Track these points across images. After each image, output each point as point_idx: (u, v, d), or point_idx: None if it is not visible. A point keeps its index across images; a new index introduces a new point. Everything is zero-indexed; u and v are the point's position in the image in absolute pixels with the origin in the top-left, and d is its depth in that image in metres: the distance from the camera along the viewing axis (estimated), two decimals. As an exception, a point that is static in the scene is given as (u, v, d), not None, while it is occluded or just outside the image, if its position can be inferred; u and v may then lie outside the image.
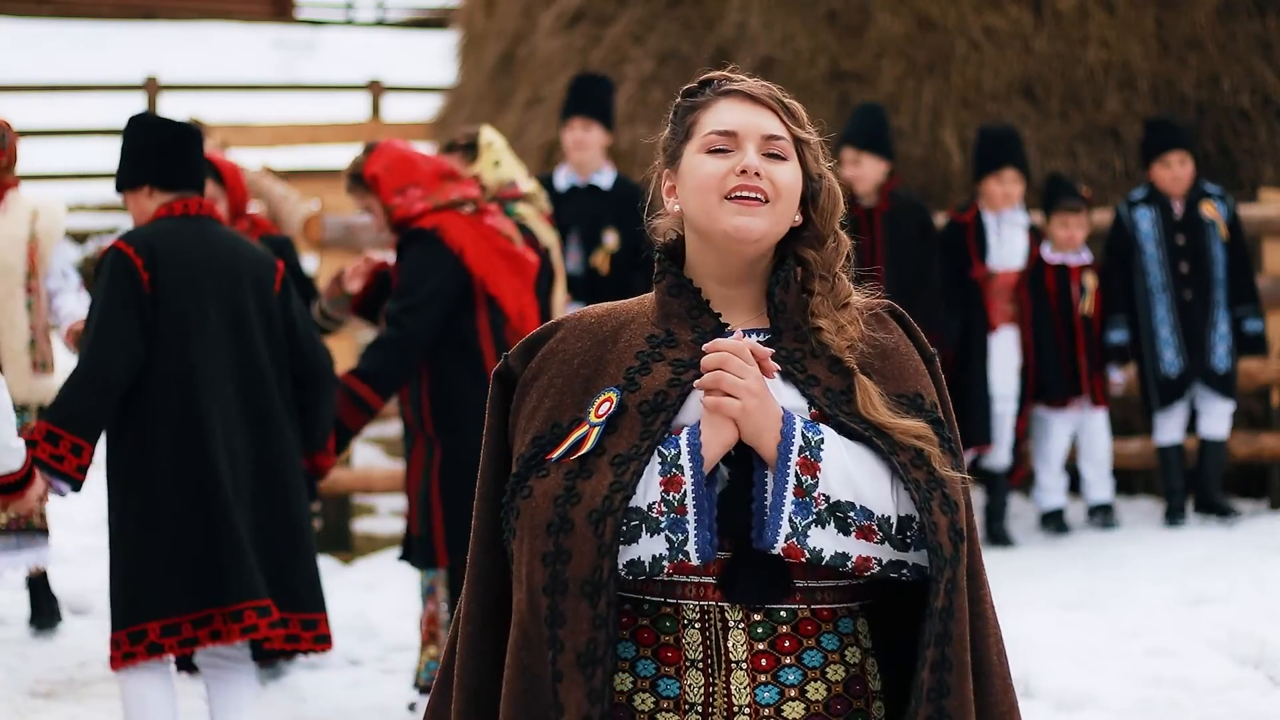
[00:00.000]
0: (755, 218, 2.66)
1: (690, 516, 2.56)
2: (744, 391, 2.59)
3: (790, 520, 2.56)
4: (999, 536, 8.93)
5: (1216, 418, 9.08)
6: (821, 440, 2.60)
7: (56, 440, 5.11)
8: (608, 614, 2.53)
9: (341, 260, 9.48)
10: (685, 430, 2.62)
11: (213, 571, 5.16)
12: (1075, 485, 9.45)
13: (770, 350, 2.65)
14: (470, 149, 6.54)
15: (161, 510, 5.18)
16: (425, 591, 6.15)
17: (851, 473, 2.59)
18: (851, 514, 2.58)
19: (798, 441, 2.59)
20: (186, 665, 5.51)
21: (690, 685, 2.62)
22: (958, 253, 9.00)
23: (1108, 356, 9.09)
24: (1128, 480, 9.73)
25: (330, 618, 7.43)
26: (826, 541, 2.57)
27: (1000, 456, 8.96)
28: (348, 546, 9.03)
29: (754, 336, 2.69)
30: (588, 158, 8.29)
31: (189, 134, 5.51)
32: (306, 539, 5.41)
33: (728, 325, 2.72)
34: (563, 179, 8.34)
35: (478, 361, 5.93)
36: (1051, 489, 9.15)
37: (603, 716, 2.53)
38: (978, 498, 8.90)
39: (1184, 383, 8.99)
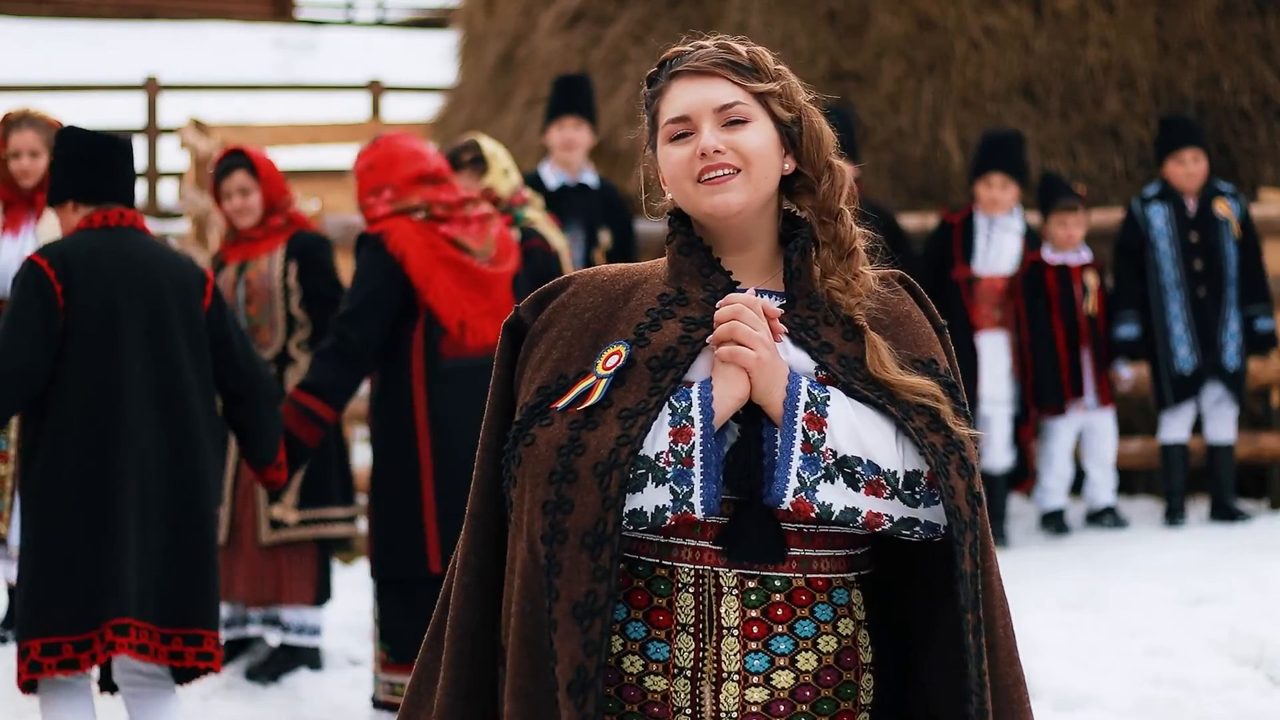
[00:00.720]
0: (730, 192, 2.67)
1: (697, 469, 2.56)
2: (758, 343, 2.59)
3: (798, 475, 2.56)
4: (996, 538, 8.92)
5: (1223, 423, 9.07)
6: (827, 398, 2.60)
7: None
8: (610, 567, 2.52)
9: (341, 260, 9.49)
10: (697, 383, 2.61)
11: (93, 591, 5.07)
12: (1076, 486, 9.44)
13: (780, 311, 2.65)
14: (478, 162, 6.48)
15: (56, 526, 5.12)
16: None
17: (857, 428, 2.59)
18: (859, 469, 2.58)
19: (803, 398, 2.59)
20: (108, 686, 5.42)
21: (680, 649, 2.61)
22: (942, 253, 8.99)
23: (1116, 352, 9.08)
24: (1128, 480, 9.72)
25: (332, 616, 7.49)
26: (835, 497, 2.57)
27: (994, 459, 8.95)
28: (348, 546, 9.02)
29: (768, 298, 2.69)
30: (576, 157, 8.32)
31: (114, 146, 5.40)
32: (214, 558, 5.30)
33: (739, 283, 2.72)
34: (551, 177, 8.35)
35: (406, 371, 5.77)
36: (1053, 489, 9.14)
37: (599, 669, 2.51)
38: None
39: (1197, 380, 8.99)
